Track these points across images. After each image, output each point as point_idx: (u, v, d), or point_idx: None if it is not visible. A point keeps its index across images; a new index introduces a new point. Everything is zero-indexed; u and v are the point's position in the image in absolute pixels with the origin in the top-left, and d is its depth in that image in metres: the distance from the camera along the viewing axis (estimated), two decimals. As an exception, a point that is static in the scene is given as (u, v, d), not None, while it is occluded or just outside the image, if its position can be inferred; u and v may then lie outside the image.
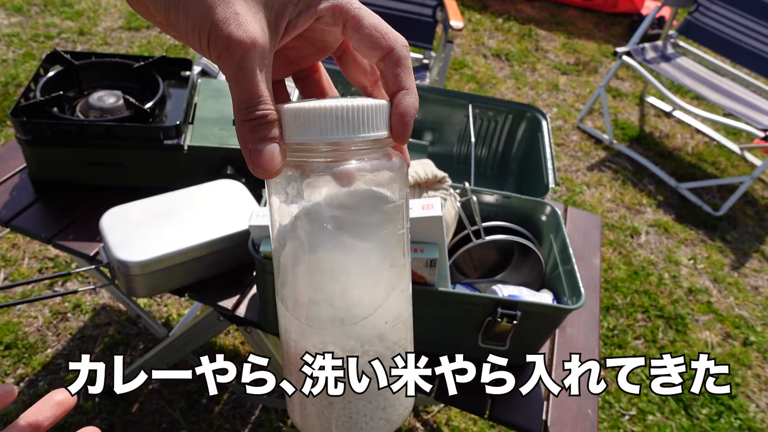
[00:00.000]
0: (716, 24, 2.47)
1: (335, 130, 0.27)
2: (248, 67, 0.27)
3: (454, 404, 0.85)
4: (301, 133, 0.28)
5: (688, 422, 1.56)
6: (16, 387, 1.35)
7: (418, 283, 0.74)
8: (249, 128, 0.27)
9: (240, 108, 0.27)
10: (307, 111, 0.27)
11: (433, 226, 0.70)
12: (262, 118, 0.27)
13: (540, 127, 1.05)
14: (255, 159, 0.27)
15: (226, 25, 0.26)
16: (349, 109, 0.27)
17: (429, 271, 0.73)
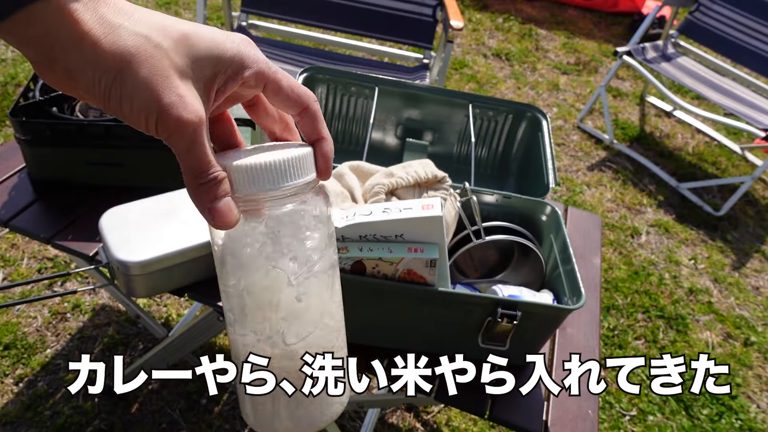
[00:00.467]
0: (717, 23, 2.47)
1: (282, 179, 0.33)
2: (199, 141, 0.30)
3: (454, 404, 0.85)
4: (252, 186, 0.32)
5: (688, 423, 1.56)
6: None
7: (418, 283, 0.74)
8: (204, 190, 0.31)
9: (194, 176, 0.31)
10: (257, 167, 0.32)
11: (433, 226, 0.70)
12: (214, 179, 0.31)
13: (540, 127, 1.05)
14: (215, 215, 0.31)
15: (174, 110, 0.29)
16: (290, 160, 0.33)
17: (429, 271, 0.73)
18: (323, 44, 2.21)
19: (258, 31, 2.08)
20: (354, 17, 1.93)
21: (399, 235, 0.71)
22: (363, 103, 1.08)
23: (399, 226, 0.70)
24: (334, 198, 0.81)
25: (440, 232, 0.71)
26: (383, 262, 0.71)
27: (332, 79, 1.05)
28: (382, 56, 2.20)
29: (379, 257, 0.70)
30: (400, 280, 0.73)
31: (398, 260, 0.71)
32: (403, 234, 0.71)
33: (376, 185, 0.80)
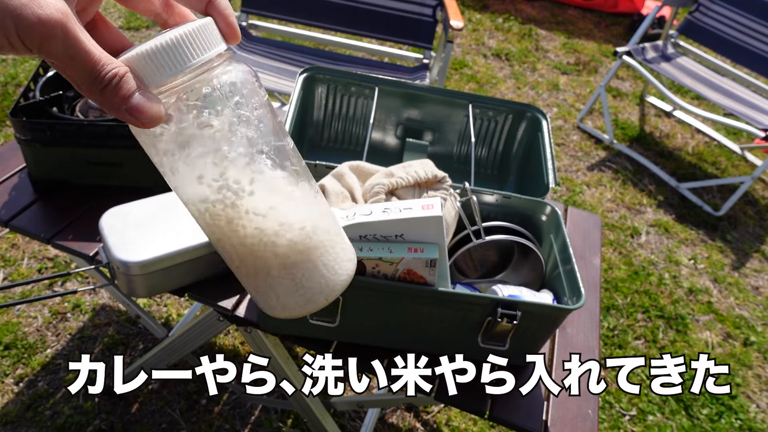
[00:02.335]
0: (717, 24, 2.47)
1: (187, 56, 0.29)
2: (75, 40, 0.25)
3: (454, 404, 0.85)
4: (163, 72, 0.28)
5: (688, 422, 1.56)
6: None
7: (418, 283, 0.74)
8: (110, 91, 0.27)
9: (89, 81, 0.27)
10: (159, 50, 0.28)
11: (433, 226, 0.70)
12: (115, 76, 0.27)
13: (540, 127, 1.05)
14: (136, 113, 0.28)
15: (29, 11, 0.24)
16: (188, 33, 0.29)
17: (429, 271, 0.73)
18: (323, 44, 2.21)
19: (258, 31, 2.08)
20: (354, 17, 1.93)
21: (399, 235, 0.71)
22: (363, 103, 1.08)
23: (399, 226, 0.70)
24: (334, 198, 0.81)
25: (440, 232, 0.71)
26: (383, 262, 0.71)
27: (332, 79, 1.05)
28: (382, 56, 2.20)
29: (379, 257, 0.70)
30: (400, 280, 0.73)
31: (398, 260, 0.71)
32: (403, 234, 0.71)
33: (376, 185, 0.80)
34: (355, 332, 0.83)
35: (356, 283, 0.74)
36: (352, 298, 0.77)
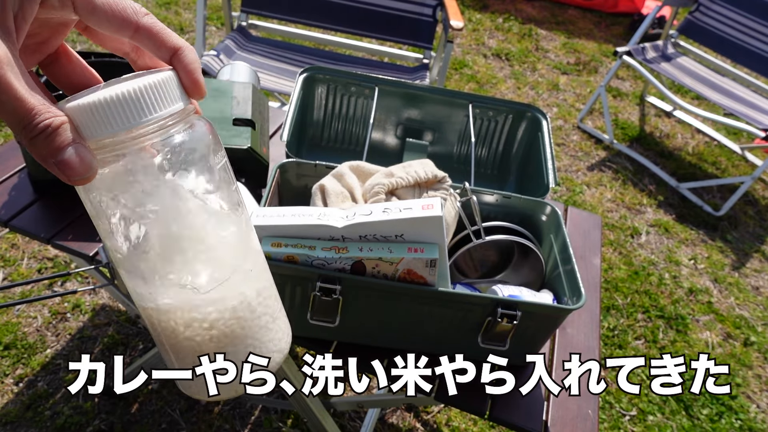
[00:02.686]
0: (717, 24, 2.47)
1: (137, 114, 0.26)
2: (7, 85, 0.24)
3: (454, 404, 0.85)
4: (105, 128, 0.26)
5: (688, 423, 1.56)
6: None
7: (418, 283, 0.74)
8: (42, 143, 0.25)
9: (21, 129, 0.25)
10: (105, 103, 0.26)
11: (433, 226, 0.70)
12: (48, 126, 0.25)
13: (540, 127, 1.04)
14: (65, 169, 0.25)
15: None
16: (146, 87, 0.26)
17: (429, 271, 0.73)
18: (323, 44, 2.21)
19: (258, 31, 2.08)
20: (354, 17, 1.93)
21: (399, 235, 0.71)
22: (363, 103, 1.08)
23: (399, 226, 0.70)
24: (334, 198, 0.81)
25: (440, 232, 0.71)
26: (383, 262, 0.71)
27: (332, 79, 1.05)
28: (382, 56, 2.20)
29: (379, 257, 0.70)
30: (400, 280, 0.73)
31: (398, 260, 0.71)
32: (403, 234, 0.71)
33: (376, 185, 0.80)
34: (355, 332, 0.83)
35: (356, 283, 0.74)
36: (352, 298, 0.77)
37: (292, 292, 0.76)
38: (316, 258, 0.70)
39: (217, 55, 1.76)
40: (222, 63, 1.74)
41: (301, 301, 0.77)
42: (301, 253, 0.69)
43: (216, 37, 2.84)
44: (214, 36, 2.85)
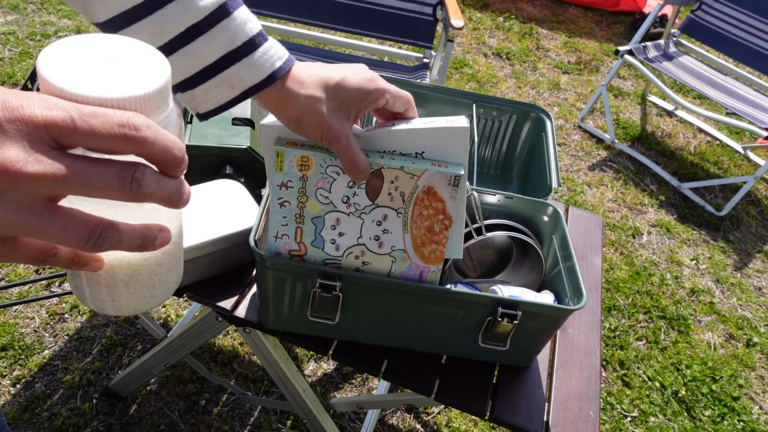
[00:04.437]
0: (719, 22, 2.46)
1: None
2: (345, 145, 0.56)
3: (454, 405, 0.84)
4: None
5: (690, 424, 1.55)
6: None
7: (435, 210, 0.69)
8: (358, 177, 0.60)
9: (351, 169, 0.58)
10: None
11: (459, 139, 0.64)
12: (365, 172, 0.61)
13: (544, 127, 1.04)
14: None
15: (327, 131, 0.55)
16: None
17: (451, 192, 0.66)
18: (323, 43, 2.20)
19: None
20: (354, 16, 1.93)
21: (420, 152, 0.65)
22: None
23: (422, 139, 0.64)
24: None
25: (465, 149, 0.64)
26: (404, 174, 0.65)
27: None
28: (382, 55, 2.19)
29: (401, 166, 0.64)
30: (416, 204, 0.68)
31: (420, 172, 0.64)
32: (425, 151, 0.65)
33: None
34: (354, 331, 0.82)
35: (356, 280, 0.73)
36: (352, 296, 0.76)
37: (293, 288, 0.75)
38: (332, 163, 0.63)
39: (216, 54, 1.76)
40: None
41: (302, 298, 0.76)
42: (318, 154, 0.63)
43: (216, 37, 2.83)
44: (214, 35, 2.84)
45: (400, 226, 0.69)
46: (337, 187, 0.65)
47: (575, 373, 0.90)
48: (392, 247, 0.70)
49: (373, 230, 0.69)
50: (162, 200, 0.29)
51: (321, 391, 1.45)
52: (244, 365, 1.47)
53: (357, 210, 0.67)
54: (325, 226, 0.69)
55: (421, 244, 0.70)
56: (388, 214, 0.68)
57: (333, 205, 0.67)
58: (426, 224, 0.69)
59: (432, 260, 0.72)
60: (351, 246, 0.70)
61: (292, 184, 0.65)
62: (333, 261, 0.72)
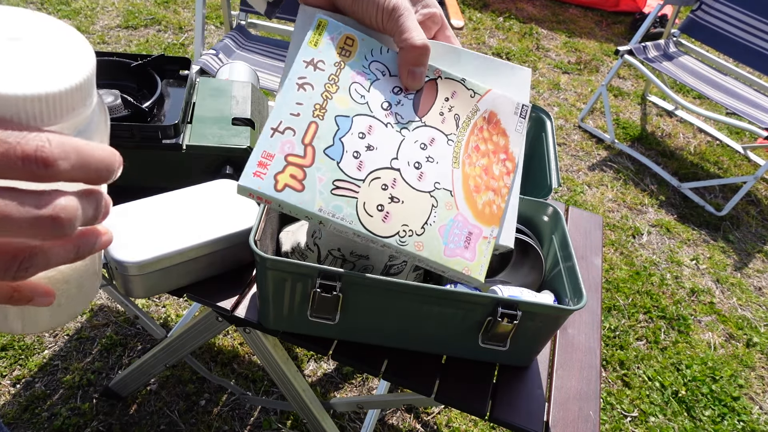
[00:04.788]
0: (719, 22, 2.46)
1: None
2: None
3: (454, 405, 0.84)
4: None
5: (690, 424, 1.55)
6: None
7: (496, 146, 0.56)
8: None
9: (407, 42, 0.47)
10: None
11: (521, 81, 0.56)
12: None
13: (544, 127, 1.04)
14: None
15: None
16: None
17: (517, 124, 0.56)
18: (323, 43, 2.20)
19: (257, 30, 2.07)
20: (354, 16, 1.92)
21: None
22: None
23: (487, 66, 0.54)
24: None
25: (526, 94, 0.56)
26: (464, 91, 0.53)
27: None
28: (382, 55, 2.19)
29: (463, 78, 0.53)
30: (473, 133, 0.54)
31: (484, 91, 0.54)
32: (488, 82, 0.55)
33: None
34: (354, 331, 0.82)
35: (356, 280, 0.73)
36: (352, 296, 0.76)
37: (293, 288, 0.75)
38: (379, 59, 0.50)
39: (216, 54, 1.76)
40: (221, 62, 1.73)
41: (301, 298, 0.76)
42: (367, 41, 0.50)
43: (215, 36, 2.83)
44: (213, 35, 2.84)
45: (450, 158, 0.51)
46: (379, 89, 0.50)
47: (575, 373, 0.90)
48: (436, 184, 0.51)
49: (416, 154, 0.50)
50: (85, 224, 0.26)
51: (321, 391, 1.45)
52: (244, 365, 1.47)
53: (398, 123, 0.50)
54: (351, 131, 0.49)
55: (475, 188, 0.52)
56: (437, 138, 0.51)
57: (369, 107, 0.49)
58: (483, 162, 0.53)
59: (486, 218, 0.52)
60: (380, 168, 0.49)
61: (324, 67, 0.49)
62: (347, 186, 0.48)
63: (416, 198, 0.50)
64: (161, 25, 2.84)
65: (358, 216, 0.48)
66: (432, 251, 0.50)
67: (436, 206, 0.51)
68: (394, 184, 0.50)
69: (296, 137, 0.48)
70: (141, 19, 2.84)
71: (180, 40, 2.75)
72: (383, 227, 0.49)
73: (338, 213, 0.48)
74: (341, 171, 0.48)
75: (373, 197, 0.49)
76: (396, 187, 0.50)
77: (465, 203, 0.52)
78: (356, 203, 0.48)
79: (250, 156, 0.47)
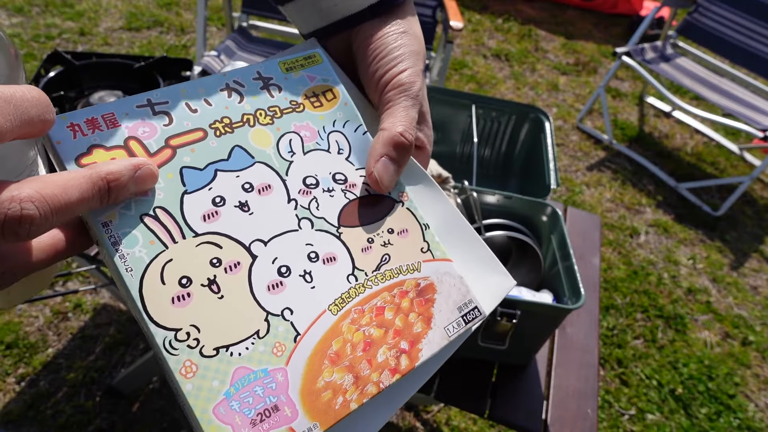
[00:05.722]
0: (715, 24, 2.48)
1: None
2: None
3: (453, 404, 0.86)
4: None
5: (687, 421, 1.57)
6: None
7: None
8: None
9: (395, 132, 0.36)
10: None
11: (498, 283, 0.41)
12: None
13: (543, 128, 1.05)
14: None
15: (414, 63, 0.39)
16: None
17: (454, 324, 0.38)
18: (323, 45, 2.21)
19: (258, 31, 2.08)
20: (354, 18, 1.93)
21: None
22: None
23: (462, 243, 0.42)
24: None
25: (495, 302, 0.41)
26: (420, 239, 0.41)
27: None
28: (382, 57, 2.20)
29: (427, 224, 0.39)
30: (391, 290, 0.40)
31: (442, 257, 0.40)
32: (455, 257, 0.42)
33: None
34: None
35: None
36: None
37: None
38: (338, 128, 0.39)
39: (217, 55, 1.77)
40: (222, 63, 1.74)
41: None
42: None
43: (217, 38, 2.84)
44: (214, 36, 2.85)
45: (333, 296, 0.34)
46: (317, 160, 0.36)
47: (573, 372, 0.91)
48: (285, 311, 0.32)
49: (295, 257, 0.34)
50: None
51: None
52: (245, 364, 1.48)
53: (306, 210, 0.35)
54: (241, 172, 0.34)
55: (335, 356, 0.33)
56: (340, 261, 0.35)
57: (287, 169, 0.35)
58: (373, 333, 0.35)
59: (316, 406, 0.32)
60: (232, 238, 0.32)
61: (276, 94, 0.38)
62: (167, 224, 0.31)
63: (243, 307, 0.31)
64: (163, 27, 2.85)
65: (144, 272, 0.30)
66: (200, 391, 0.29)
67: (261, 337, 0.31)
68: (231, 269, 0.32)
69: (166, 127, 0.32)
70: (143, 21, 2.85)
71: (182, 42, 2.76)
72: (166, 310, 0.30)
73: (125, 247, 0.30)
74: (179, 203, 0.31)
75: (186, 264, 0.31)
76: (230, 275, 0.32)
77: (304, 365, 0.32)
78: (157, 255, 0.30)
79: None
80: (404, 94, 0.35)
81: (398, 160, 0.35)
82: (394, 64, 0.36)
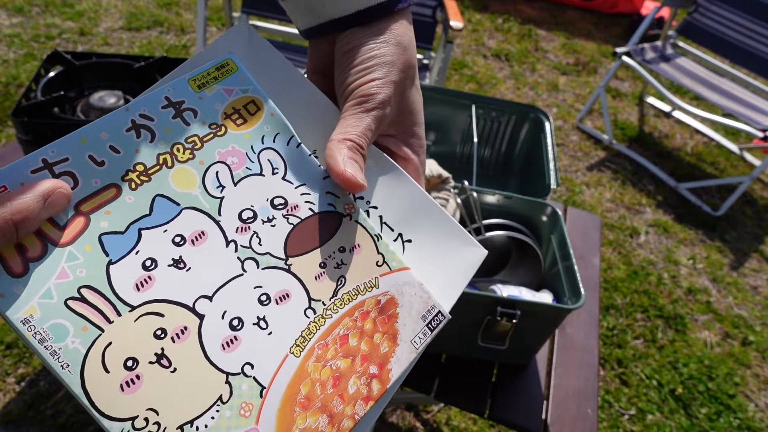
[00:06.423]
0: (715, 24, 2.48)
1: None
2: None
3: (453, 404, 0.86)
4: None
5: (687, 421, 1.57)
6: None
7: None
8: None
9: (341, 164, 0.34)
10: None
11: (469, 259, 0.42)
12: None
13: (543, 128, 1.05)
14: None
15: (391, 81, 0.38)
16: None
17: (420, 334, 0.37)
18: (323, 45, 2.21)
19: (258, 31, 2.08)
20: (354, 18, 1.93)
21: (407, 239, 0.40)
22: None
23: (430, 218, 0.41)
24: None
25: (468, 275, 0.44)
26: (373, 252, 0.38)
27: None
28: (382, 57, 2.20)
29: (379, 235, 0.37)
30: (352, 314, 0.36)
31: (398, 267, 0.39)
32: (414, 240, 0.42)
33: None
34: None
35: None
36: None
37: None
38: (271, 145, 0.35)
39: (217, 55, 1.77)
40: (222, 63, 1.74)
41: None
42: None
43: (216, 38, 2.84)
44: (214, 36, 2.85)
45: (294, 337, 0.32)
46: (251, 188, 0.33)
47: (574, 372, 0.91)
48: (245, 367, 0.30)
49: (246, 306, 0.31)
50: None
51: (322, 390, 1.46)
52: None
53: (248, 249, 0.32)
54: (168, 226, 0.30)
55: (305, 400, 0.31)
56: (294, 297, 0.32)
57: (219, 208, 0.32)
58: (340, 365, 0.32)
59: None
60: (172, 302, 0.29)
61: (191, 120, 0.32)
62: (97, 304, 0.28)
63: (201, 374, 0.29)
64: (163, 27, 2.85)
65: (83, 364, 0.26)
66: None
67: (225, 402, 0.29)
68: (179, 337, 0.29)
69: (75, 190, 0.28)
70: (143, 21, 2.85)
71: (182, 42, 2.76)
72: (116, 399, 0.27)
73: (55, 342, 0.26)
74: (105, 277, 0.28)
75: (128, 343, 0.27)
76: (179, 344, 0.28)
77: (274, 419, 0.30)
78: (94, 342, 0.27)
79: None
80: (361, 106, 0.33)
81: (355, 158, 0.33)
82: (363, 74, 0.34)
